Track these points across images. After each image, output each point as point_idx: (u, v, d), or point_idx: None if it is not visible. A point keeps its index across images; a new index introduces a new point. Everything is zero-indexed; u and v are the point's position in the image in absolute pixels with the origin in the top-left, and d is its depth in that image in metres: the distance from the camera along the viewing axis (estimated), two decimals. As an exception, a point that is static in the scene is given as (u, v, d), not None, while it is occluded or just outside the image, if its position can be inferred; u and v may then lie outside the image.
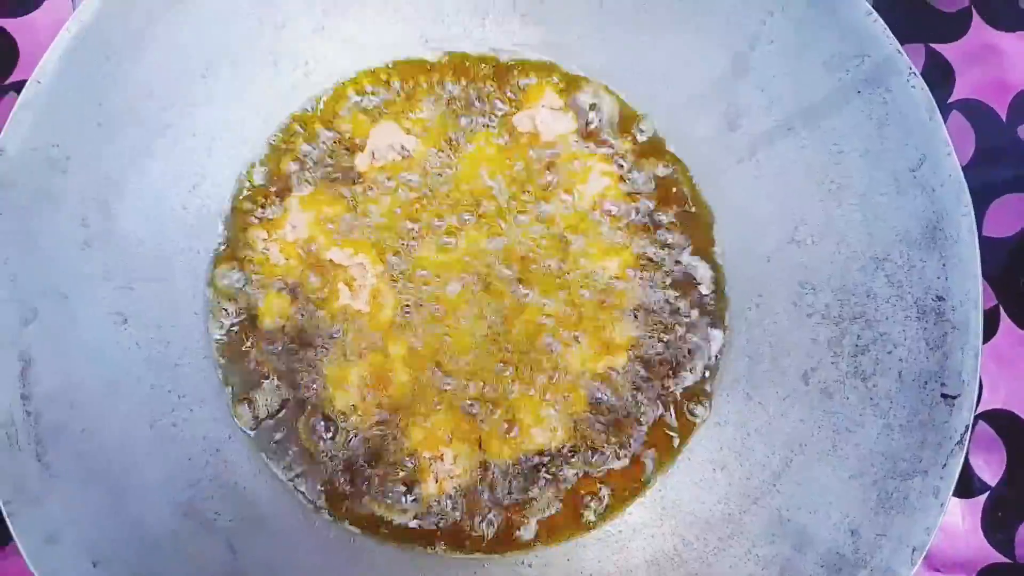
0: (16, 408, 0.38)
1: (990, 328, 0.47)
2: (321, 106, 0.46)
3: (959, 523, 0.46)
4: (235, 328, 0.44)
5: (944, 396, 0.38)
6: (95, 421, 0.40)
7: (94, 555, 0.38)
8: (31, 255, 0.39)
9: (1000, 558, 0.46)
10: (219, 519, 0.41)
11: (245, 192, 0.45)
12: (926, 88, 0.38)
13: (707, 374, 0.45)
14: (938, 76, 0.49)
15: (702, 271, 0.45)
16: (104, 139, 0.40)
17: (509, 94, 0.46)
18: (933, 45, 0.49)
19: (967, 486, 0.47)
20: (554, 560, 0.43)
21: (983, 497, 0.47)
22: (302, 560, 0.42)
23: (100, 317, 0.41)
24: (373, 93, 0.46)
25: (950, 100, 0.49)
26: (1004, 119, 0.49)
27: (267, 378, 0.44)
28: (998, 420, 0.47)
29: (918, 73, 0.38)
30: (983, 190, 0.48)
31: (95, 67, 0.40)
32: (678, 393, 0.45)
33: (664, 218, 0.46)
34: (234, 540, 0.41)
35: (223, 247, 0.45)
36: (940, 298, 0.38)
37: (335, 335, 0.44)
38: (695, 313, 0.45)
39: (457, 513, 0.43)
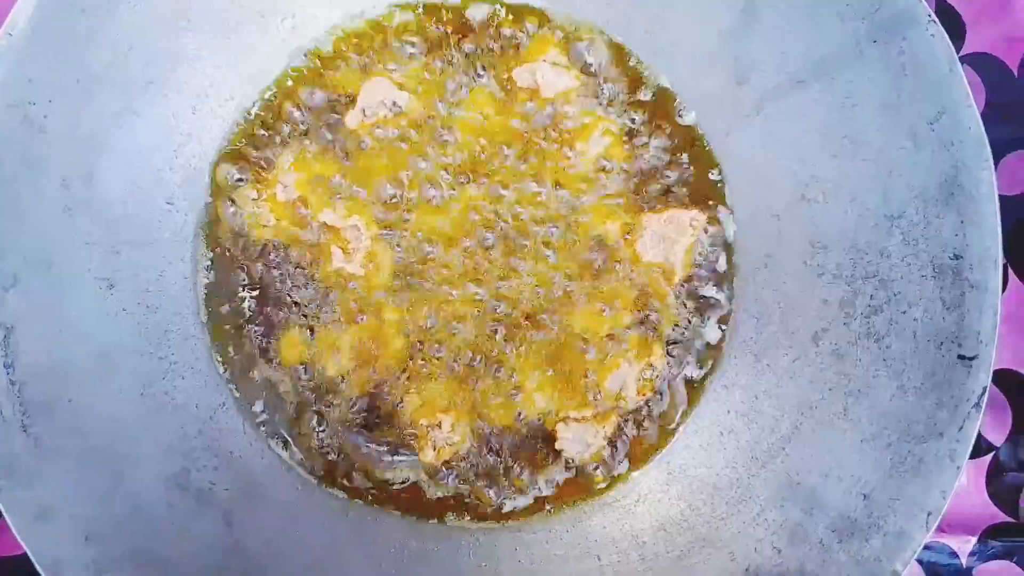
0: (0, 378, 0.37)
1: (998, 287, 0.47)
2: (309, 61, 0.44)
3: (964, 483, 0.46)
4: (225, 293, 0.43)
5: (961, 357, 0.37)
6: (84, 390, 0.39)
7: (87, 530, 0.37)
8: (10, 220, 0.37)
9: (1005, 518, 0.46)
10: (215, 490, 0.40)
11: (233, 151, 0.43)
12: (946, 38, 0.37)
13: (720, 334, 0.44)
14: (949, 29, 0.48)
15: (710, 230, 0.44)
16: (83, 96, 0.39)
17: (509, 47, 0.44)
18: (944, -4, 0.48)
19: (974, 446, 0.46)
20: (560, 527, 0.43)
21: (988, 457, 0.46)
22: (302, 532, 0.41)
23: (85, 283, 0.40)
24: (364, 46, 0.44)
25: (961, 54, 0.48)
26: (1016, 74, 0.48)
27: (257, 341, 0.43)
28: (1005, 380, 0.46)
29: (937, 21, 0.37)
30: (993, 146, 0.46)
31: (70, 19, 0.38)
32: (684, 355, 0.44)
33: (670, 174, 0.44)
34: (231, 512, 0.40)
35: (211, 208, 0.43)
36: (957, 256, 0.37)
37: (327, 299, 0.43)
38: (701, 273, 0.44)
39: (457, 481, 0.43)
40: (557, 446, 0.43)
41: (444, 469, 0.43)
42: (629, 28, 0.44)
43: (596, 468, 0.43)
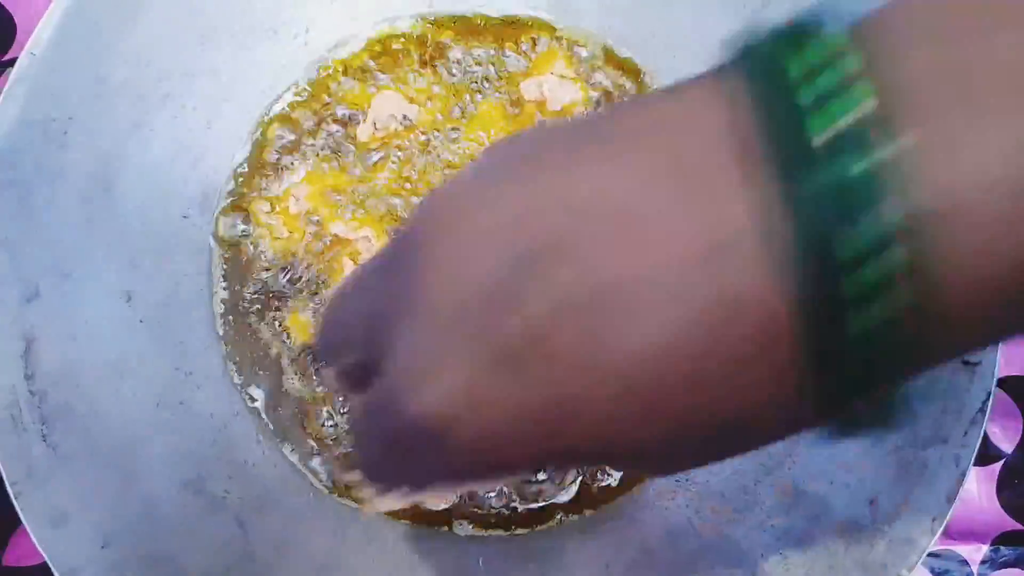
0: (20, 388, 0.37)
1: (1006, 294, 0.46)
2: (322, 75, 0.45)
3: (974, 491, 0.46)
4: (241, 304, 0.44)
5: (965, 362, 0.37)
6: (101, 400, 0.39)
7: (103, 536, 0.37)
8: (31, 232, 0.38)
9: (1016, 525, 0.46)
10: (229, 497, 0.41)
11: (247, 165, 0.44)
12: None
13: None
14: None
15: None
16: (102, 112, 0.40)
17: (518, 61, 0.45)
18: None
19: (982, 453, 0.46)
20: (568, 534, 0.43)
21: (999, 464, 0.46)
22: (314, 539, 0.42)
23: (104, 294, 0.40)
24: (375, 61, 0.45)
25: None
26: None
27: (271, 355, 0.43)
28: (1016, 387, 0.46)
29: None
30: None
31: (90, 37, 0.39)
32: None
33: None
34: (244, 519, 0.41)
35: (227, 222, 0.44)
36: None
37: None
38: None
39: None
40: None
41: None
42: (633, 38, 0.45)
43: (603, 475, 0.43)
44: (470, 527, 0.43)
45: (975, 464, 0.45)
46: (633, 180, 0.16)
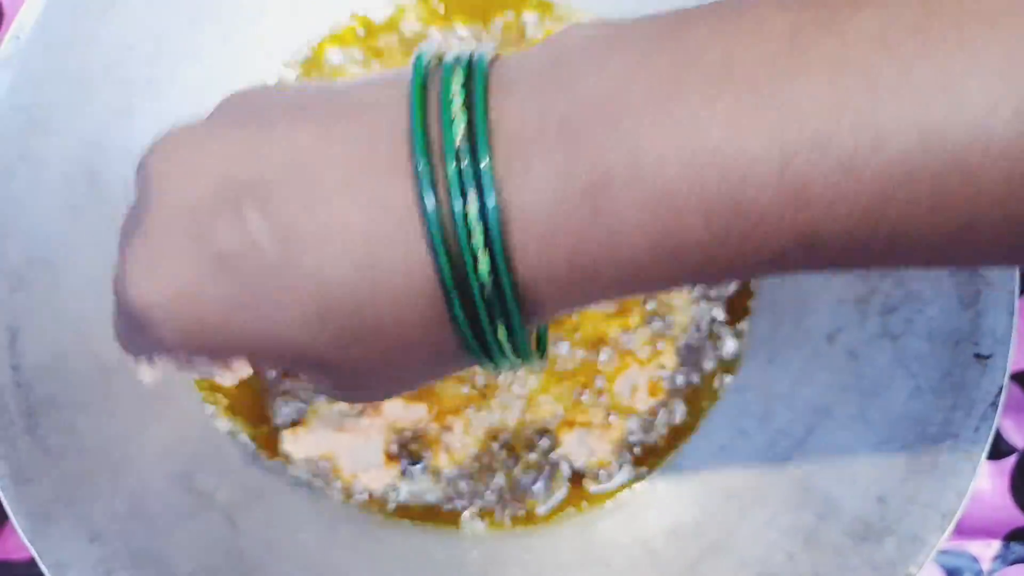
0: (6, 380, 0.37)
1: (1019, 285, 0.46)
2: (313, 56, 0.44)
3: (986, 486, 0.45)
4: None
5: (977, 356, 0.36)
6: (87, 392, 0.39)
7: (91, 531, 0.37)
8: (15, 221, 0.38)
9: (1029, 522, 0.45)
10: (219, 493, 0.40)
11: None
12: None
13: (734, 335, 0.43)
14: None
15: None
16: (87, 97, 0.39)
17: (512, 39, 0.44)
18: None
19: (995, 448, 0.45)
20: (568, 532, 0.42)
21: (1011, 459, 0.45)
22: (305, 537, 0.41)
23: (89, 284, 0.39)
24: (367, 40, 0.44)
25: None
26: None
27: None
28: (1029, 381, 0.45)
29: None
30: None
31: (77, 21, 0.38)
32: (697, 355, 0.43)
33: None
34: (234, 515, 0.40)
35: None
36: (974, 252, 0.37)
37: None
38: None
39: (468, 485, 0.42)
40: (564, 450, 0.42)
41: (457, 475, 0.42)
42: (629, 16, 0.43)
43: (605, 472, 0.43)
44: (471, 525, 0.42)
45: (987, 459, 0.45)
46: (330, 149, 0.20)
